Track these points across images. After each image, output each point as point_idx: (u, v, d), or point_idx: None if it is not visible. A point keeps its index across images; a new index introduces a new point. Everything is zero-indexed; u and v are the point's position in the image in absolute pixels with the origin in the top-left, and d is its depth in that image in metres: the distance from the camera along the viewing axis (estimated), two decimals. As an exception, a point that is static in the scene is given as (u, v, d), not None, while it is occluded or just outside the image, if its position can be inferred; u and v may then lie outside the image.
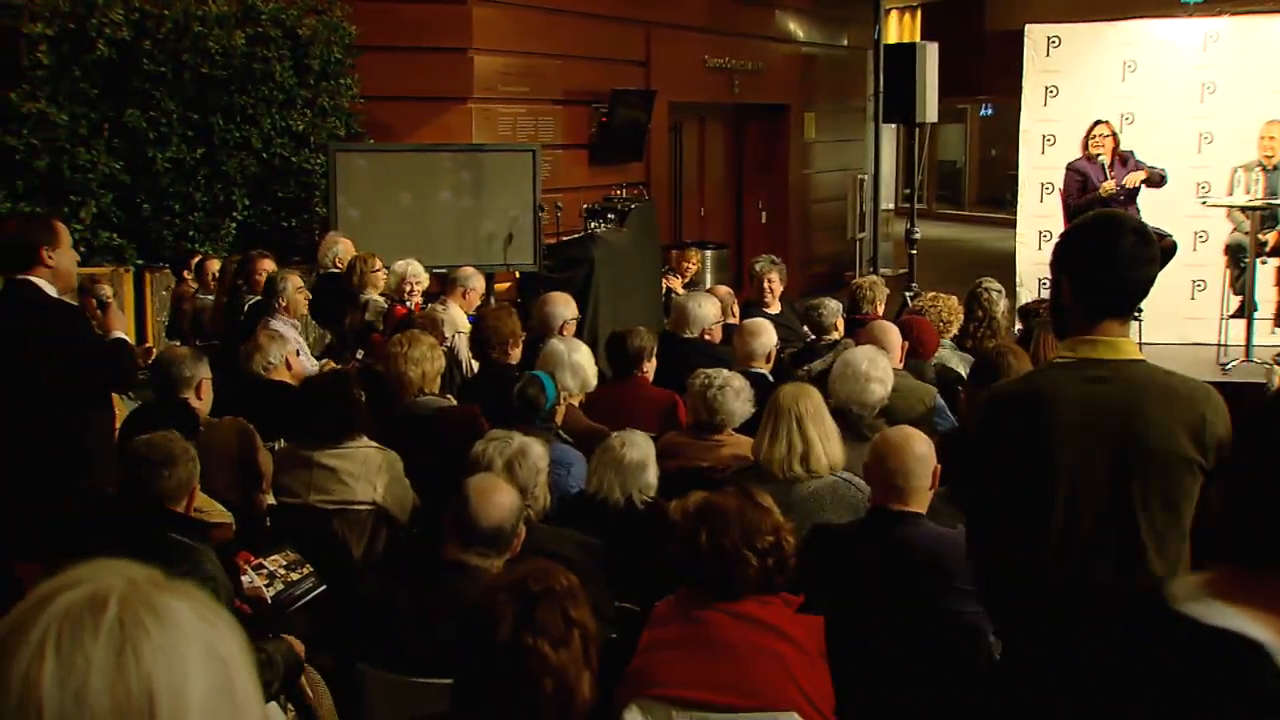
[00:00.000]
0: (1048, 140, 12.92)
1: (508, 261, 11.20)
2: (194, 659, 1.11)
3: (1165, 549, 3.17)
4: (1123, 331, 3.27)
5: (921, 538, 4.15)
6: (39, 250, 5.23)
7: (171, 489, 4.23)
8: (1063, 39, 13.03)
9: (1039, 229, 12.85)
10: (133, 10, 10.47)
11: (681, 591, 3.62)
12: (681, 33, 15.45)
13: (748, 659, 3.44)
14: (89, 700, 1.06)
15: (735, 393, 5.65)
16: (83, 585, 1.13)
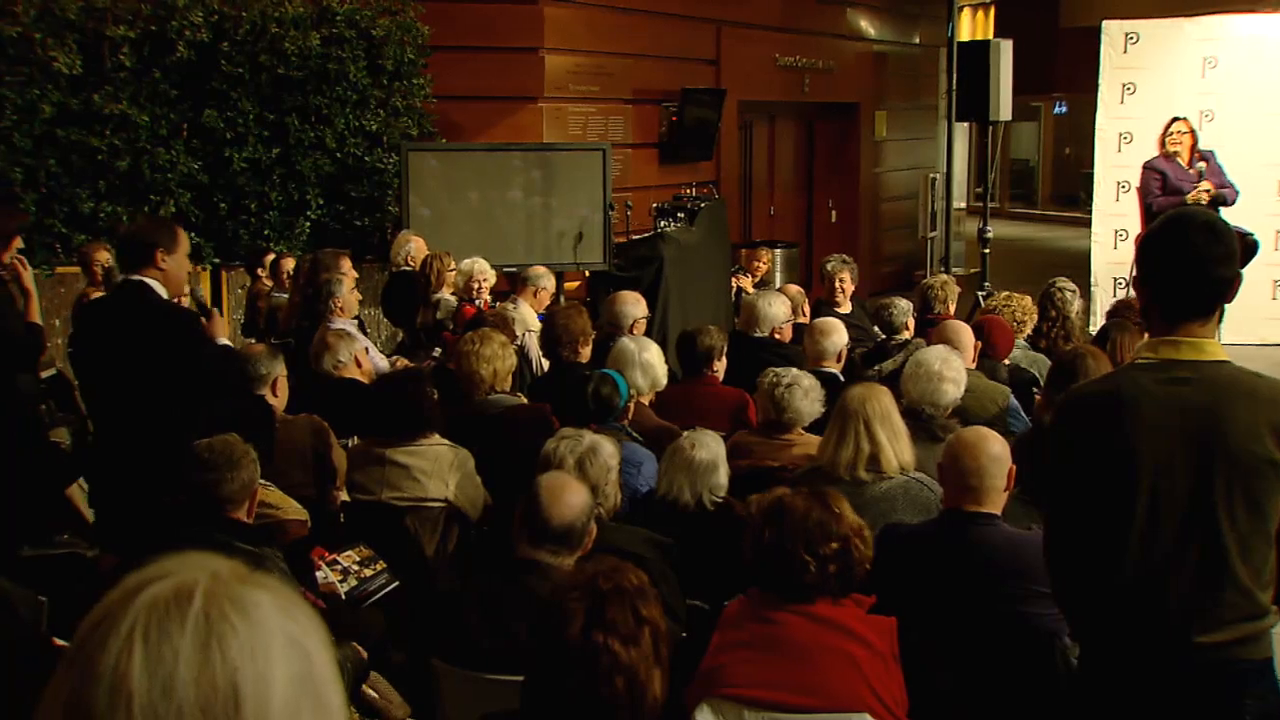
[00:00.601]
0: (1124, 138, 12.79)
1: (577, 260, 11.22)
2: (277, 651, 1.12)
3: (1249, 553, 3.12)
4: (1205, 332, 3.21)
5: (997, 539, 4.11)
6: (154, 251, 5.22)
7: (234, 493, 4.24)
8: (1141, 35, 12.88)
9: (1114, 228, 12.74)
10: (212, 13, 10.57)
11: (753, 591, 3.61)
12: (752, 31, 15.41)
13: (819, 660, 3.42)
14: (176, 691, 1.07)
15: (804, 392, 5.64)
16: (169, 578, 1.14)
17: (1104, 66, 12.94)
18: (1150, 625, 3.16)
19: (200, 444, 4.30)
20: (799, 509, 3.59)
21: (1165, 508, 3.13)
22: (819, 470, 5.02)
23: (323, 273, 8.38)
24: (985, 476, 4.16)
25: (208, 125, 10.67)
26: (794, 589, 3.51)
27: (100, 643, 1.10)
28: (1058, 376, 5.83)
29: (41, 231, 9.96)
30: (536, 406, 6.25)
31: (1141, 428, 3.15)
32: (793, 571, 3.50)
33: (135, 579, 1.15)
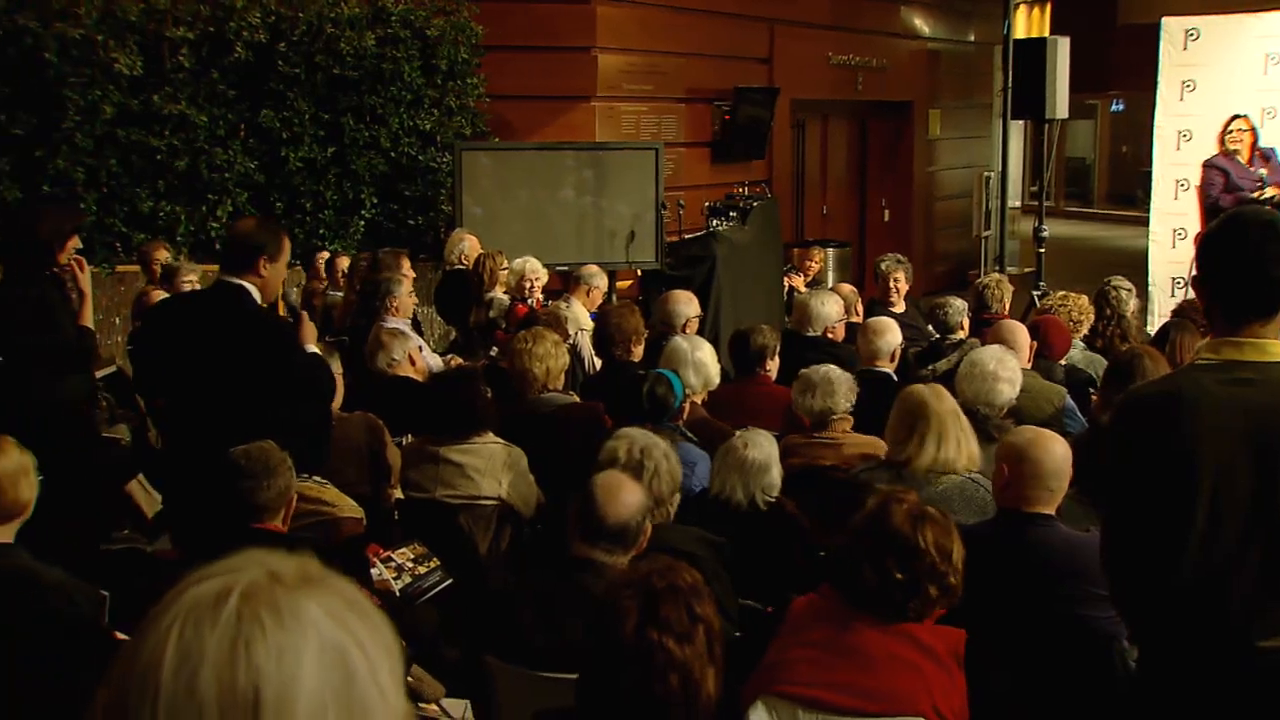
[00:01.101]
0: (1183, 136, 12.67)
1: (630, 259, 11.24)
2: (309, 659, 1.11)
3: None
4: (1267, 332, 3.18)
5: (1054, 540, 4.08)
6: (259, 259, 5.13)
7: (270, 500, 4.23)
8: (1201, 31, 12.74)
9: (1173, 227, 12.61)
10: (269, 13, 10.68)
11: (827, 590, 3.57)
12: (805, 30, 15.37)
13: (884, 668, 3.38)
14: (199, 689, 1.07)
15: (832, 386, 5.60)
16: (218, 577, 1.14)
17: (1163, 63, 12.83)
18: (1210, 629, 3.13)
19: (236, 451, 4.28)
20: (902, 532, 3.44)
21: (1226, 510, 3.09)
22: (882, 468, 5.01)
23: (382, 271, 8.42)
24: (1044, 478, 4.13)
25: (264, 125, 10.78)
26: (884, 609, 3.45)
27: (144, 635, 1.11)
28: (1115, 377, 5.79)
29: (102, 231, 10.08)
30: (589, 405, 6.25)
31: (1202, 429, 3.11)
32: (888, 596, 3.42)
33: (192, 576, 1.16)
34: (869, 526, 3.50)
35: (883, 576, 3.41)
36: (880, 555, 3.43)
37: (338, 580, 1.19)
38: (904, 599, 3.43)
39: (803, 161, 16.73)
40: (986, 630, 3.83)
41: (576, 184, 11.29)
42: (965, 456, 4.89)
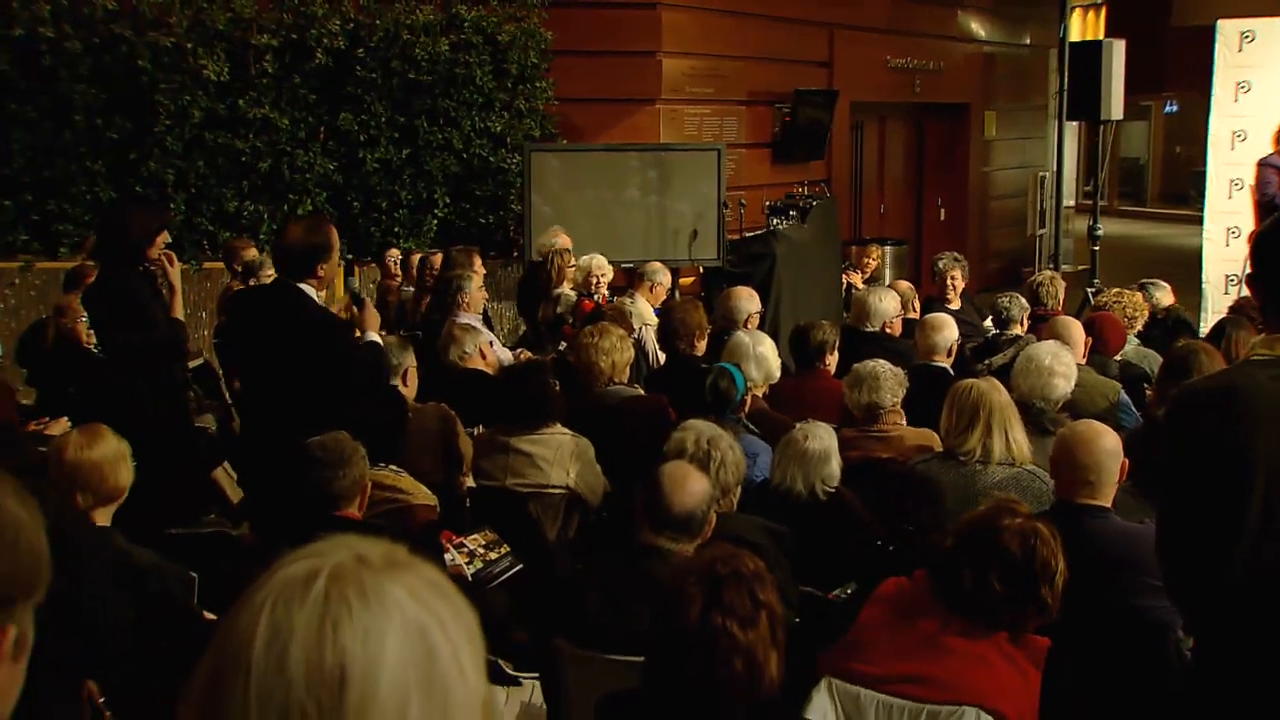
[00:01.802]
0: (1238, 136, 12.52)
1: (692, 257, 11.22)
2: (392, 638, 1.11)
3: None
4: None
5: (1109, 532, 4.05)
6: (317, 264, 5.23)
7: (345, 489, 4.24)
8: (1257, 33, 12.57)
9: (1227, 225, 12.46)
10: (348, 21, 10.77)
11: (920, 578, 3.54)
12: (863, 34, 15.29)
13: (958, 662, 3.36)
14: (288, 666, 1.08)
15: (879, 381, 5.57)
16: (307, 559, 1.15)
17: (1218, 65, 12.68)
18: (1264, 622, 3.11)
19: (313, 442, 4.29)
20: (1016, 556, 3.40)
21: (1279, 505, 3.07)
22: (939, 459, 4.99)
23: (454, 268, 8.46)
24: (1098, 470, 4.10)
25: (343, 128, 10.88)
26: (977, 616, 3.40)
27: (237, 613, 1.12)
28: (1170, 372, 5.74)
29: (190, 229, 10.21)
30: (654, 398, 6.25)
31: (1256, 424, 3.09)
32: (984, 604, 3.38)
33: (286, 557, 1.17)
34: (978, 533, 3.46)
35: (983, 586, 3.38)
36: (984, 565, 3.38)
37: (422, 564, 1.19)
38: (1000, 611, 3.40)
39: (861, 162, 16.67)
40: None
41: (641, 184, 11.29)
42: (1019, 448, 4.87)
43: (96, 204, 10.12)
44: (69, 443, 4.17)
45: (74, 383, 7.13)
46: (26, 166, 10.11)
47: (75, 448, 4.12)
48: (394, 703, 1.09)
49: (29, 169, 10.13)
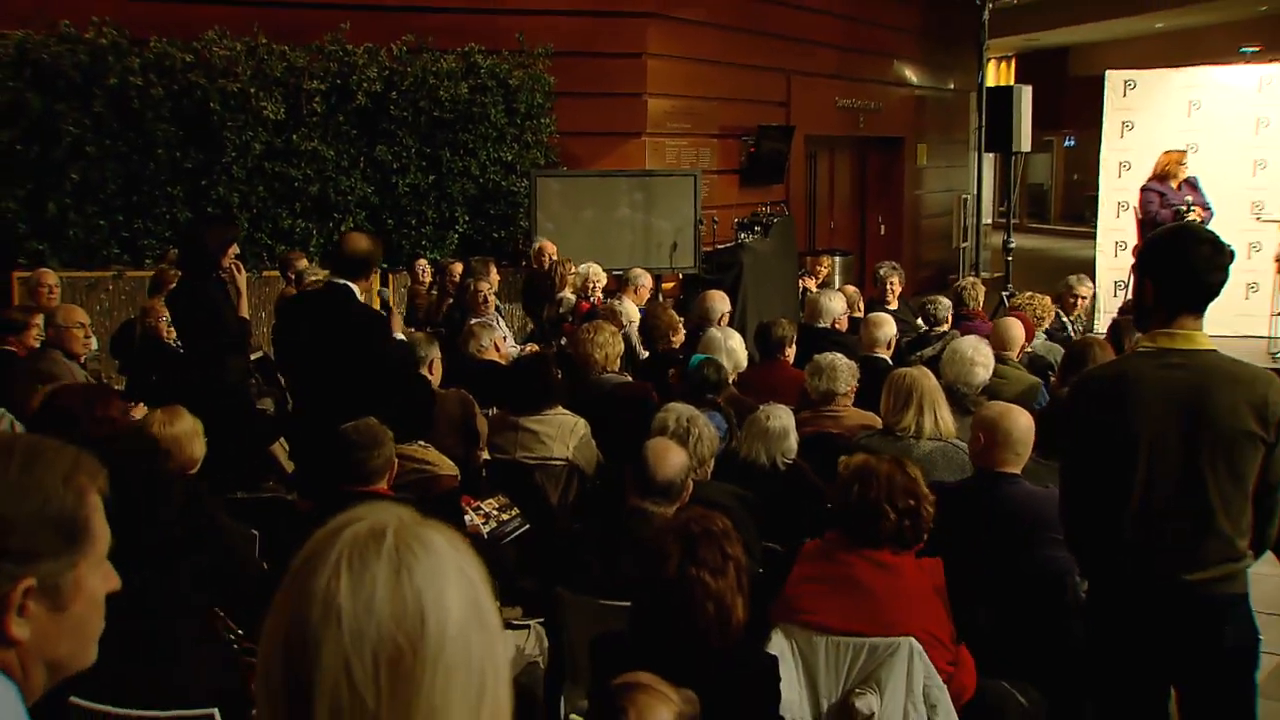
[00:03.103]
0: (1124, 166, 12.68)
1: (673, 265, 11.20)
2: (451, 579, 1.12)
3: (1231, 510, 3.09)
4: (1196, 325, 3.18)
5: (1021, 495, 4.05)
6: (370, 269, 5.26)
7: (379, 467, 4.19)
8: (1138, 82, 12.89)
9: (1115, 240, 12.65)
10: (384, 69, 10.79)
11: (831, 535, 3.56)
12: (816, 79, 15.27)
13: (879, 598, 3.37)
14: (375, 609, 1.08)
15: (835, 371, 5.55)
16: (365, 520, 1.14)
17: (1107, 108, 12.86)
18: (1147, 566, 3.15)
19: (348, 427, 4.24)
20: (883, 470, 3.53)
21: (1161, 471, 3.12)
22: (879, 434, 4.97)
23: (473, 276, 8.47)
24: (1012, 443, 4.10)
25: (379, 158, 10.89)
26: (871, 536, 3.45)
27: (313, 571, 1.11)
28: (1071, 361, 5.74)
29: (251, 243, 10.19)
30: (640, 384, 6.24)
31: (1142, 404, 3.13)
32: (874, 521, 3.44)
33: (338, 520, 1.16)
34: (866, 476, 3.51)
35: (881, 514, 3.44)
36: (877, 498, 3.45)
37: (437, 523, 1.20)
38: (898, 532, 3.45)
39: (814, 186, 16.64)
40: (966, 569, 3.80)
41: (630, 204, 11.29)
42: (945, 425, 4.86)
43: (175, 223, 10.15)
44: (154, 420, 4.19)
45: (156, 372, 7.16)
46: (118, 192, 10.10)
47: (159, 424, 4.14)
48: (461, 629, 1.11)
49: (120, 194, 10.11)
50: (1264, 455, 3.08)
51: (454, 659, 1.09)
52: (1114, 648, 3.24)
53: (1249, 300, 11.33)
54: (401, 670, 1.07)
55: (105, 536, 1.45)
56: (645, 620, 2.94)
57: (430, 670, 1.08)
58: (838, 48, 15.78)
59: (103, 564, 1.45)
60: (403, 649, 1.07)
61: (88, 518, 1.41)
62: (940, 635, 3.38)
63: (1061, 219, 31.20)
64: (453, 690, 1.09)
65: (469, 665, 1.10)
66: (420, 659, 1.08)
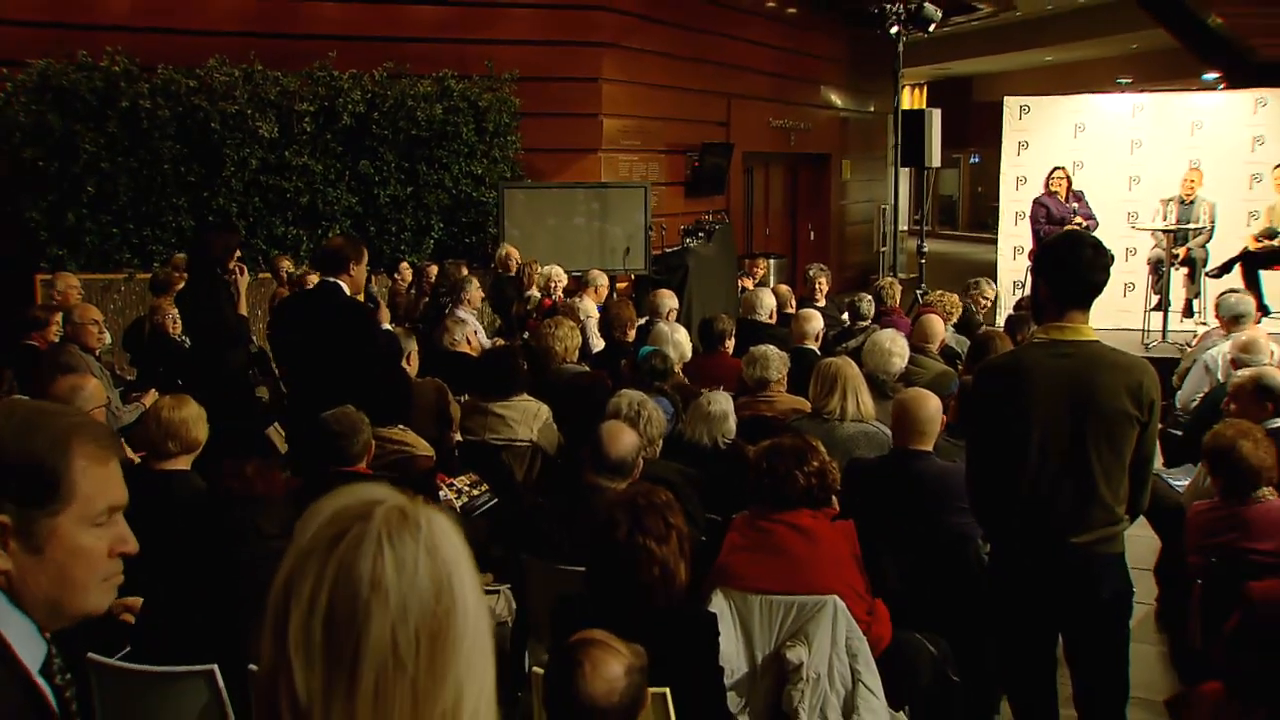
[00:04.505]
0: (1020, 180, 12.84)
1: (626, 267, 11.18)
2: (463, 554, 1.13)
3: (1111, 480, 3.15)
4: (1083, 319, 3.22)
5: (932, 469, 4.07)
6: (349, 262, 5.20)
7: (358, 451, 4.14)
8: (1031, 107, 13.08)
9: (1013, 245, 12.80)
10: (367, 92, 10.74)
11: (752, 507, 3.57)
12: (752, 101, 15.31)
13: (800, 558, 3.38)
14: (418, 583, 1.08)
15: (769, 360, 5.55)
16: (387, 502, 1.13)
17: (1005, 129, 13.03)
18: (1040, 530, 3.18)
19: (327, 415, 4.19)
20: (787, 444, 3.55)
21: (1051, 447, 3.15)
22: (807, 416, 4.98)
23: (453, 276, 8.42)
24: (925, 424, 4.12)
25: (363, 172, 10.83)
26: (785, 500, 3.46)
27: (356, 550, 1.08)
28: (975, 352, 5.78)
29: (248, 249, 10.11)
30: (595, 373, 6.21)
31: (1035, 389, 3.16)
32: (785, 485, 3.45)
33: (347, 502, 1.13)
34: (779, 451, 3.53)
35: (795, 479, 3.45)
36: (789, 466, 3.47)
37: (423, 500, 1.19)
38: (812, 492, 3.46)
39: (751, 196, 16.68)
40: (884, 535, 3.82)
41: (587, 212, 11.27)
42: (867, 409, 4.87)
43: (180, 230, 10.14)
44: (163, 405, 4.12)
45: (163, 363, 7.17)
46: (129, 203, 10.06)
47: (167, 409, 4.07)
48: (474, 599, 1.12)
49: (131, 204, 10.07)
50: (1139, 433, 3.14)
51: (474, 631, 1.11)
52: (1011, 601, 3.27)
53: (1126, 298, 11.48)
54: (438, 641, 1.08)
55: (102, 497, 1.46)
56: (598, 583, 2.94)
57: (458, 641, 1.09)
58: (772, 74, 15.82)
59: (99, 523, 1.46)
60: (440, 621, 1.08)
61: (71, 478, 1.42)
62: (857, 590, 3.40)
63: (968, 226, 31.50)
64: (476, 655, 1.11)
65: (480, 636, 1.12)
66: (453, 631, 1.09)
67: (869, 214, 19.56)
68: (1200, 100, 12.95)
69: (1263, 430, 4.08)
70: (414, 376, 5.83)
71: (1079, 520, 3.12)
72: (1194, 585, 3.95)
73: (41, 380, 5.38)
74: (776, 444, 3.58)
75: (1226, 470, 3.93)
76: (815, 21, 16.99)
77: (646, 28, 13.00)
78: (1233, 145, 12.10)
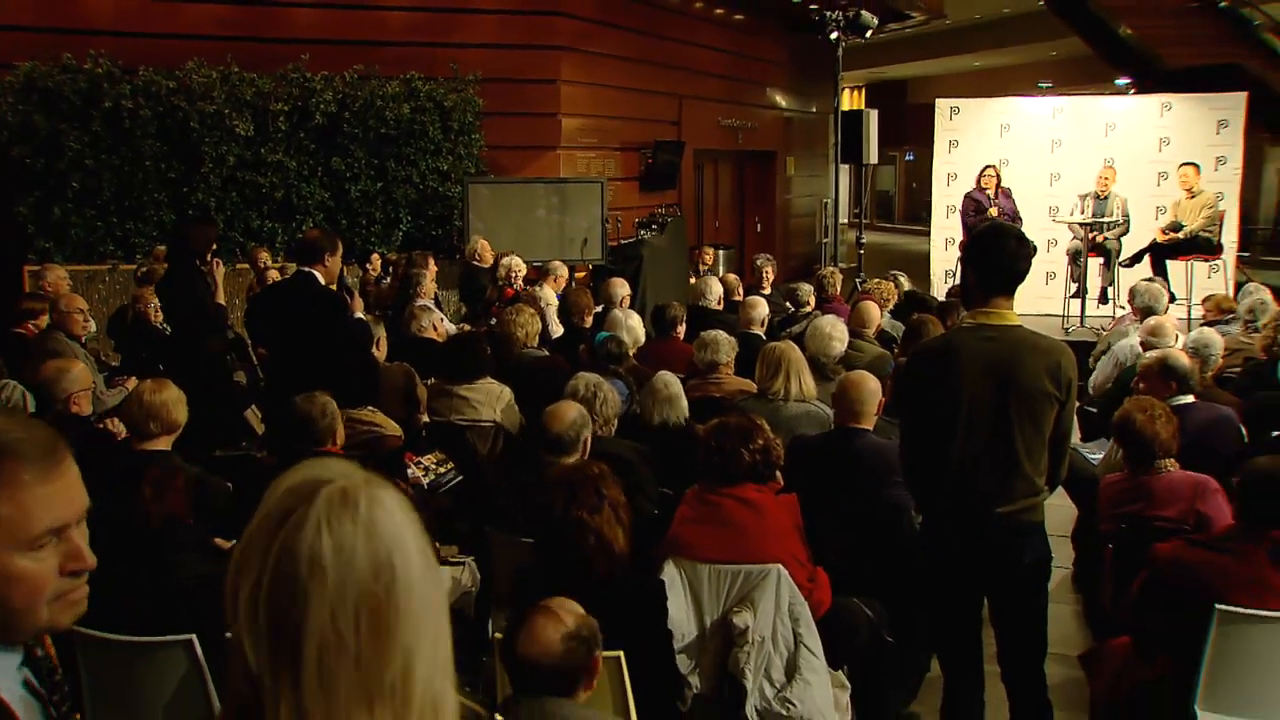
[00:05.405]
0: (951, 177, 12.88)
1: (584, 257, 11.11)
2: (407, 529, 1.09)
3: (1032, 455, 3.17)
4: (1008, 305, 3.23)
5: (870, 445, 4.08)
6: (324, 254, 5.15)
7: (325, 432, 4.10)
8: (961, 109, 13.11)
9: (945, 237, 12.85)
10: (338, 93, 10.58)
11: (701, 482, 3.56)
12: (703, 102, 15.26)
13: (746, 529, 3.38)
14: (355, 564, 1.05)
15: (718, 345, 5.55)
16: (334, 481, 1.09)
17: (937, 129, 13.05)
18: (967, 501, 3.19)
19: (299, 399, 4.14)
20: (733, 423, 3.55)
21: (977, 424, 3.16)
22: (754, 396, 4.97)
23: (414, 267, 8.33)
24: (863, 404, 4.13)
25: (335, 168, 10.70)
26: (731, 475, 3.45)
27: (296, 529, 1.06)
28: (909, 335, 5.81)
29: (226, 241, 10.01)
30: (554, 357, 6.19)
31: (963, 370, 3.16)
32: (731, 461, 3.45)
33: (302, 481, 1.10)
34: (728, 429, 3.53)
35: (739, 456, 3.45)
36: (736, 444, 3.46)
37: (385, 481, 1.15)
38: (757, 468, 3.46)
39: (701, 191, 16.66)
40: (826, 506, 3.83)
41: (547, 206, 11.17)
42: (809, 390, 4.88)
43: (161, 224, 9.98)
44: (144, 389, 4.06)
45: (145, 349, 7.11)
46: (112, 198, 9.89)
47: (148, 392, 4.01)
48: (419, 576, 1.08)
49: (114, 200, 9.90)
50: (1057, 410, 3.16)
51: (419, 603, 1.07)
52: (941, 567, 3.29)
53: (1048, 286, 11.60)
54: (379, 617, 1.05)
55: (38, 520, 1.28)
56: (544, 553, 2.93)
57: (401, 615, 1.06)
58: (721, 77, 15.79)
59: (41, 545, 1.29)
60: (379, 599, 1.05)
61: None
62: (800, 559, 3.41)
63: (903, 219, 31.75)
64: (426, 624, 1.08)
65: (427, 607, 1.08)
66: (393, 606, 1.05)
67: (811, 208, 19.62)
68: (1113, 104, 13.09)
69: (1166, 407, 4.14)
70: (383, 361, 5.77)
71: (1003, 492, 3.14)
72: (1106, 550, 4.01)
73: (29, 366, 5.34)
74: (723, 423, 3.57)
75: (1133, 444, 3.98)
76: (761, 27, 16.97)
77: (603, 32, 12.92)
78: (1142, 145, 12.25)
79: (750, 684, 3.24)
